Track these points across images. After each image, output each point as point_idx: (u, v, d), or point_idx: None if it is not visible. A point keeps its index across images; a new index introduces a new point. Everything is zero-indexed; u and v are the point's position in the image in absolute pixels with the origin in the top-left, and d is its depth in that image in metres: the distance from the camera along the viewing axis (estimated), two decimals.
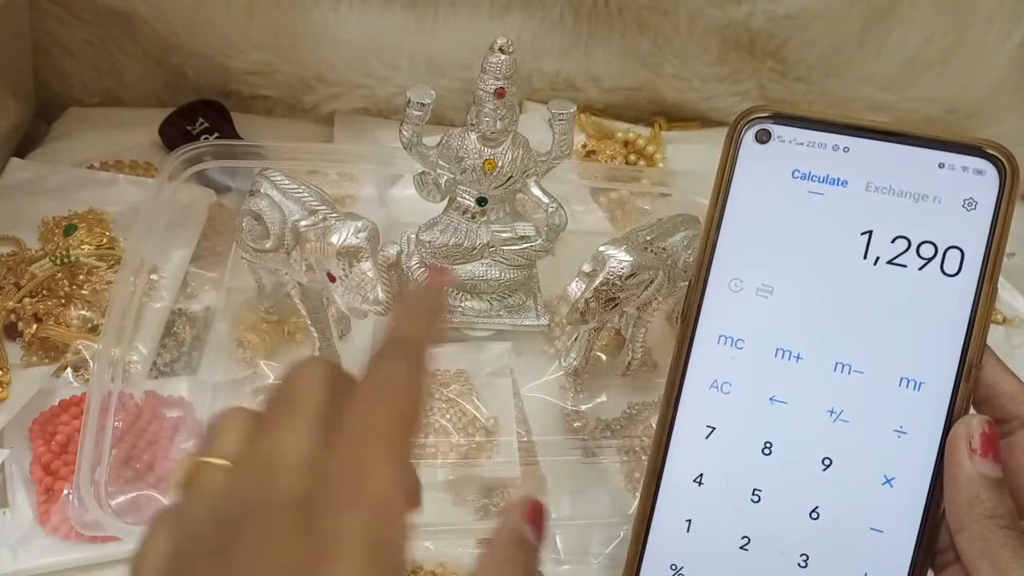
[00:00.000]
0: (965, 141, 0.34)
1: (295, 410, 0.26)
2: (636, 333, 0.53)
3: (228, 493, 0.25)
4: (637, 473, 0.52)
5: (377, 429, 0.25)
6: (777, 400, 0.34)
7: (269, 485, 0.24)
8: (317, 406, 0.26)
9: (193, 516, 0.25)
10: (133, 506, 0.46)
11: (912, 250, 0.34)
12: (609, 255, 0.46)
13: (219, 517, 0.24)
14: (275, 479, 0.24)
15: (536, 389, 0.55)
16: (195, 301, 0.57)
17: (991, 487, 0.31)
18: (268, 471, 0.24)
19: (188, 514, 0.26)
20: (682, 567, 0.34)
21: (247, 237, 0.49)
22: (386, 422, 0.25)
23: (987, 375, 0.33)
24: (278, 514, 0.23)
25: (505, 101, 0.50)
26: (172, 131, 0.68)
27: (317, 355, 0.28)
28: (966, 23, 0.70)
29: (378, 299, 0.44)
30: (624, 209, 0.68)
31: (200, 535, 0.24)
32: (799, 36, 0.70)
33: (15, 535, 0.45)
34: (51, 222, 0.60)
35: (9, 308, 0.53)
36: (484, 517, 0.49)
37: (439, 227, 0.55)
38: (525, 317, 0.57)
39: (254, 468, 0.25)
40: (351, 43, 0.69)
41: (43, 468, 0.46)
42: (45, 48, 0.69)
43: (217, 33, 0.68)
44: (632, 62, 0.72)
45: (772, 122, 0.36)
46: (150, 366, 0.53)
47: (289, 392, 0.27)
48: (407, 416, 0.26)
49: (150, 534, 0.26)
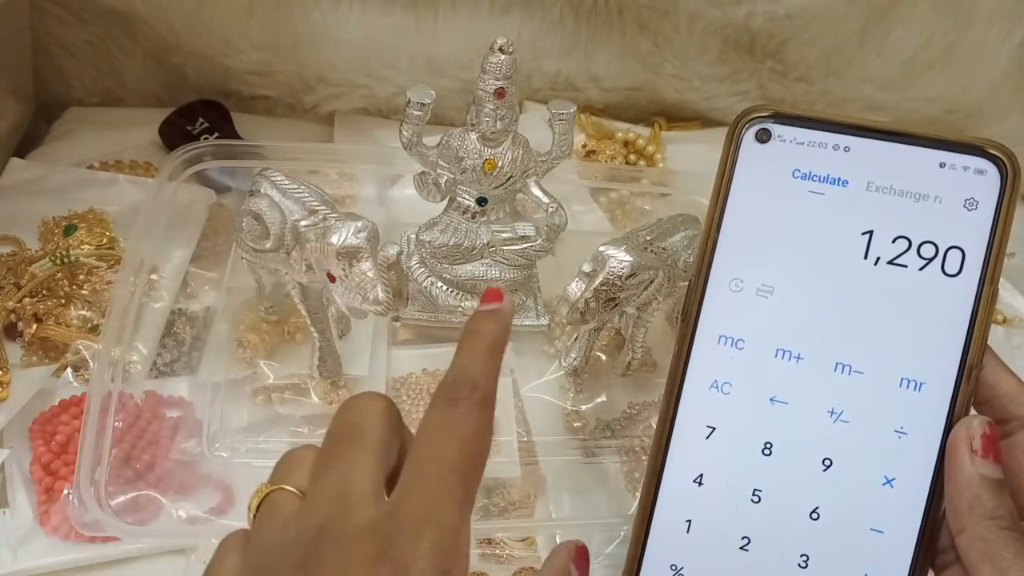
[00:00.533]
0: (966, 141, 0.34)
1: (359, 445, 0.28)
2: (636, 333, 0.53)
3: (302, 519, 0.27)
4: (637, 473, 0.52)
5: (453, 468, 0.27)
6: (777, 400, 0.34)
7: (344, 513, 0.26)
8: (379, 441, 0.28)
9: (268, 536, 0.27)
10: (133, 506, 0.46)
11: (913, 250, 0.34)
12: (609, 255, 0.46)
13: (295, 539, 0.26)
14: (349, 508, 0.26)
15: (536, 389, 0.55)
16: (195, 301, 0.57)
17: (992, 488, 0.31)
18: (341, 500, 0.26)
19: (263, 535, 0.27)
20: (682, 567, 0.34)
21: (247, 237, 0.49)
22: (459, 462, 0.27)
23: (988, 376, 0.33)
24: (355, 541, 0.25)
25: (505, 101, 0.50)
26: (172, 131, 0.68)
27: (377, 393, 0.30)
28: (966, 23, 0.70)
29: (378, 299, 0.44)
30: (624, 209, 0.68)
31: (276, 554, 0.26)
32: (799, 36, 0.70)
33: (15, 535, 0.45)
34: (51, 222, 0.60)
35: (9, 308, 0.53)
36: (484, 517, 0.49)
37: (439, 227, 0.55)
38: (525, 317, 0.57)
39: (326, 497, 0.27)
40: (351, 43, 0.69)
41: (43, 468, 0.46)
42: (45, 48, 0.69)
43: (217, 33, 0.68)
44: (632, 62, 0.72)
45: (772, 122, 0.36)
46: (150, 366, 0.53)
47: (351, 427, 0.29)
48: (477, 459, 0.28)
49: (220, 553, 0.28)
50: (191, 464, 0.48)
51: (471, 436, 0.28)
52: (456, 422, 0.28)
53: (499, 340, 0.30)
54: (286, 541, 0.26)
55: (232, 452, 0.48)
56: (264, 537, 0.27)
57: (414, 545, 0.25)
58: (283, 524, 0.27)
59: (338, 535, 0.26)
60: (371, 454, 0.28)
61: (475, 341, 0.30)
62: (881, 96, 0.73)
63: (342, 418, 0.29)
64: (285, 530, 0.27)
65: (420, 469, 0.27)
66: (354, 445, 0.28)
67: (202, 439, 0.48)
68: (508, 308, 0.31)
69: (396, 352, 0.55)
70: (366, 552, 0.25)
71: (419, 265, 0.57)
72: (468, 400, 0.28)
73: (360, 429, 0.29)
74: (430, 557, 0.25)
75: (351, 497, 0.26)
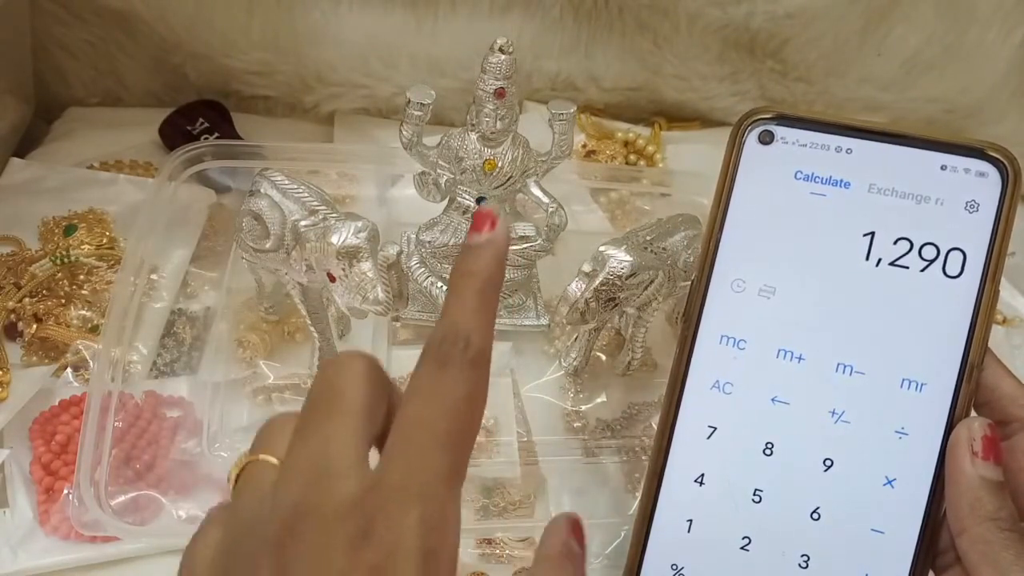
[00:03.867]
0: (967, 143, 0.34)
1: (337, 409, 0.25)
2: (636, 333, 0.53)
3: (278, 493, 0.24)
4: (637, 473, 0.52)
5: (441, 436, 0.24)
6: (779, 401, 0.34)
7: (322, 487, 0.24)
8: (361, 405, 0.25)
9: (246, 512, 0.25)
10: (133, 506, 0.46)
11: (914, 251, 0.34)
12: (609, 255, 0.46)
13: (270, 516, 0.24)
14: (327, 481, 0.24)
15: (536, 389, 0.55)
16: (195, 301, 0.57)
17: (992, 490, 0.31)
18: (319, 472, 0.24)
19: (241, 510, 0.25)
20: (683, 567, 0.34)
21: (247, 237, 0.49)
22: (449, 429, 0.25)
23: (988, 377, 0.33)
24: (334, 519, 0.23)
25: (505, 101, 0.50)
26: (172, 131, 0.68)
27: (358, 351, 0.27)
28: (966, 23, 0.70)
29: (378, 299, 0.44)
30: (624, 209, 0.68)
31: (253, 531, 0.24)
32: (799, 36, 0.70)
33: (15, 535, 0.45)
34: (51, 222, 0.60)
35: (9, 308, 0.53)
36: (484, 517, 0.49)
37: (439, 227, 0.55)
38: (525, 317, 0.57)
39: (302, 468, 0.24)
40: (351, 43, 0.69)
41: (43, 468, 0.46)
42: (45, 48, 0.69)
43: (217, 33, 0.68)
44: (632, 62, 0.72)
45: (775, 123, 0.36)
46: (150, 366, 0.53)
47: (329, 389, 0.26)
48: (469, 425, 0.25)
49: (203, 527, 0.26)
50: (191, 464, 0.48)
51: (462, 400, 0.25)
52: (446, 384, 0.25)
53: (492, 280, 0.27)
54: (262, 518, 0.24)
55: (232, 452, 0.48)
56: (242, 512, 0.25)
57: (399, 521, 0.23)
58: (260, 498, 0.25)
59: (315, 512, 0.23)
60: (351, 419, 0.25)
61: (465, 285, 0.27)
62: (881, 96, 0.73)
63: (320, 380, 0.27)
64: (262, 505, 0.24)
65: (406, 437, 0.24)
66: (332, 410, 0.25)
67: (202, 439, 0.48)
68: (501, 237, 0.27)
69: (396, 352, 0.55)
70: (346, 531, 0.23)
71: (419, 265, 0.57)
72: (459, 359, 0.25)
73: (339, 391, 0.26)
74: (416, 535, 0.23)
75: (329, 469, 0.24)
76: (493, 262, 0.27)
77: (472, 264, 0.27)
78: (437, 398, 0.25)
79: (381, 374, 0.27)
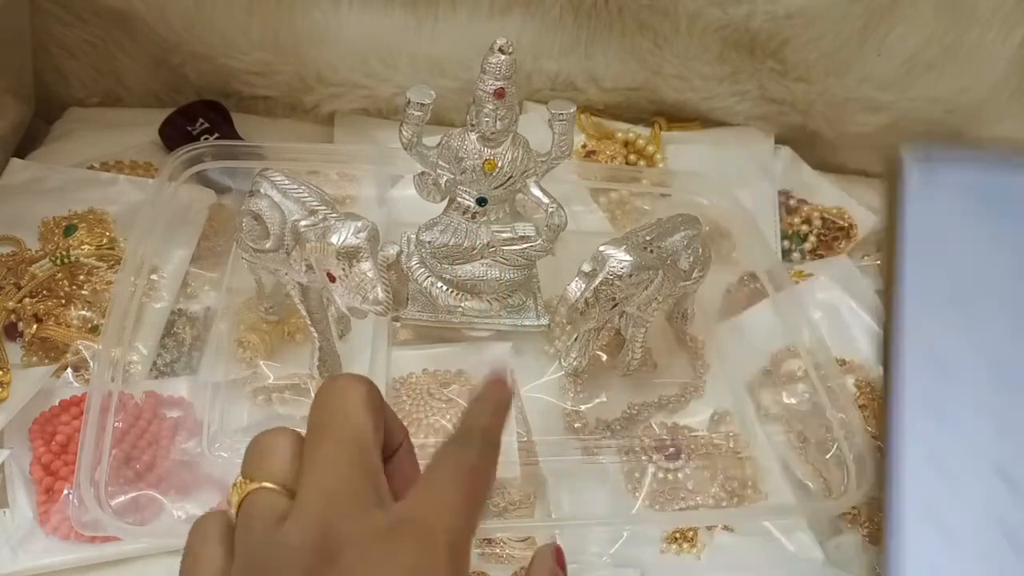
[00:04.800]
0: None
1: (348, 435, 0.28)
2: (636, 333, 0.53)
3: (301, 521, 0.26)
4: (637, 473, 0.52)
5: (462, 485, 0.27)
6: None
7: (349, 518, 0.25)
8: (367, 431, 0.28)
9: (260, 544, 0.26)
10: (133, 506, 0.46)
11: None
12: (609, 255, 0.47)
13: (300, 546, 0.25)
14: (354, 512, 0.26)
15: (536, 389, 0.55)
16: (195, 301, 0.57)
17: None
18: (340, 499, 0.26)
19: (255, 542, 0.26)
20: None
21: (247, 237, 0.49)
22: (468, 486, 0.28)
23: None
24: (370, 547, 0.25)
25: (505, 101, 0.50)
26: (172, 131, 0.68)
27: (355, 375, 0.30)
28: (966, 23, 0.70)
29: (378, 299, 0.44)
30: (624, 209, 0.68)
31: (276, 559, 0.25)
32: (799, 36, 0.70)
33: (15, 535, 0.45)
34: (51, 222, 0.60)
35: (9, 308, 0.53)
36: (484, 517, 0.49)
37: (439, 227, 0.55)
38: (525, 317, 0.57)
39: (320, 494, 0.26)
40: (351, 43, 0.69)
41: (43, 468, 0.46)
42: (45, 48, 0.69)
43: (217, 33, 0.68)
44: (632, 62, 0.72)
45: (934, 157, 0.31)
46: (150, 366, 0.53)
47: (334, 415, 0.28)
48: (484, 487, 0.28)
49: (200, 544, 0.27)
50: (191, 464, 0.48)
51: (480, 466, 0.29)
52: (458, 462, 0.28)
53: (504, 403, 0.31)
54: (287, 546, 0.25)
55: (232, 452, 0.48)
56: (256, 545, 0.26)
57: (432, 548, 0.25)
58: (271, 527, 0.26)
59: (347, 540, 0.25)
60: (361, 446, 0.27)
61: (483, 402, 0.31)
62: (881, 96, 0.73)
63: (323, 406, 0.29)
64: (274, 535, 0.26)
65: (412, 512, 0.27)
66: (341, 437, 0.27)
67: (202, 439, 0.48)
68: (511, 387, 0.33)
69: (396, 352, 0.55)
70: (383, 555, 0.25)
71: (419, 265, 0.57)
72: (479, 441, 0.29)
73: (344, 417, 0.28)
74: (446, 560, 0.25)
75: (355, 498, 0.26)
76: (504, 394, 0.32)
77: (487, 392, 0.31)
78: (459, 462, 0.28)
79: (378, 397, 0.29)
